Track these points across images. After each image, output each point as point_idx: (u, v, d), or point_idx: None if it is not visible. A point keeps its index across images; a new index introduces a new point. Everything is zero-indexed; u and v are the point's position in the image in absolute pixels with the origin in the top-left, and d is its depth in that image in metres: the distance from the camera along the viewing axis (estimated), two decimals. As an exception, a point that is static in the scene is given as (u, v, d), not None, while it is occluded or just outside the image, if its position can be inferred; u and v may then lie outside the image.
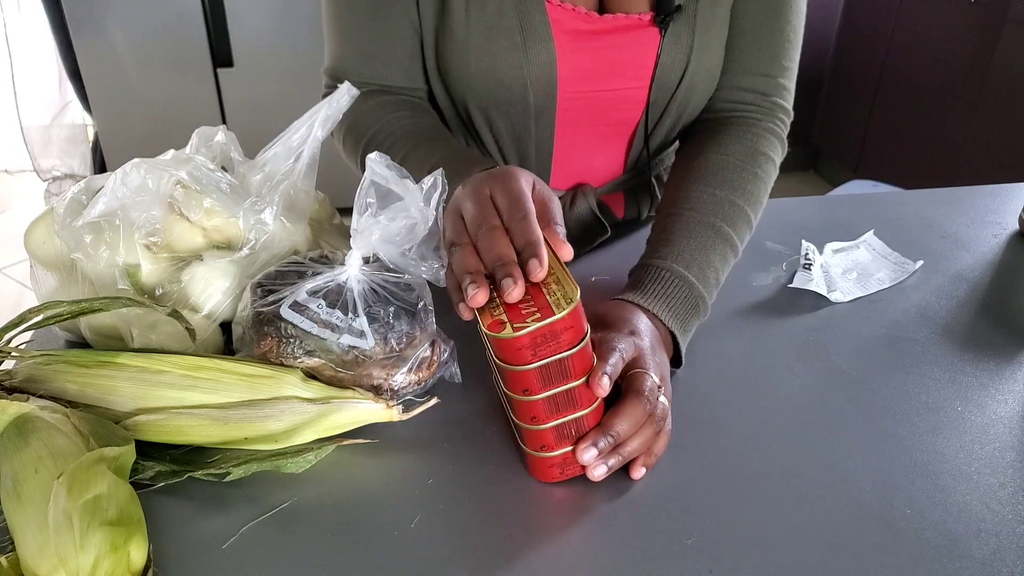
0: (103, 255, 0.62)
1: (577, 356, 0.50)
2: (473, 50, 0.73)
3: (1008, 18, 2.08)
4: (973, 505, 0.54)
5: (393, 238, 0.57)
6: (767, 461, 0.57)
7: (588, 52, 0.75)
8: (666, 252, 0.67)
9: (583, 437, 0.52)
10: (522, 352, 0.48)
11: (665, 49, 0.75)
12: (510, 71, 0.73)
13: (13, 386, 0.57)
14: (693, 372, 0.67)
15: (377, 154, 0.56)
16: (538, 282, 0.51)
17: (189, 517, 0.52)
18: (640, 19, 0.75)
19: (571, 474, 0.54)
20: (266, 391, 0.56)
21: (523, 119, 0.78)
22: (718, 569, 0.49)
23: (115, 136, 2.30)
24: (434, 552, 0.50)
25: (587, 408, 0.52)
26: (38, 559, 0.44)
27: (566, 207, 0.85)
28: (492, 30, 0.72)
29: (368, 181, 0.56)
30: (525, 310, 0.49)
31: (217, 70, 2.23)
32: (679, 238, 0.68)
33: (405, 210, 0.56)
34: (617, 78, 0.77)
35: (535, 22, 0.72)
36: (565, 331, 0.48)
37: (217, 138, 0.69)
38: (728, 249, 0.70)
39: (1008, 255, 0.87)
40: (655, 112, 0.80)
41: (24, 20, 2.59)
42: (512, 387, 0.51)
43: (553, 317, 0.47)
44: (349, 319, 0.58)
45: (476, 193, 0.55)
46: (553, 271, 0.51)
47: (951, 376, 0.67)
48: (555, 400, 0.51)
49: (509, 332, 0.47)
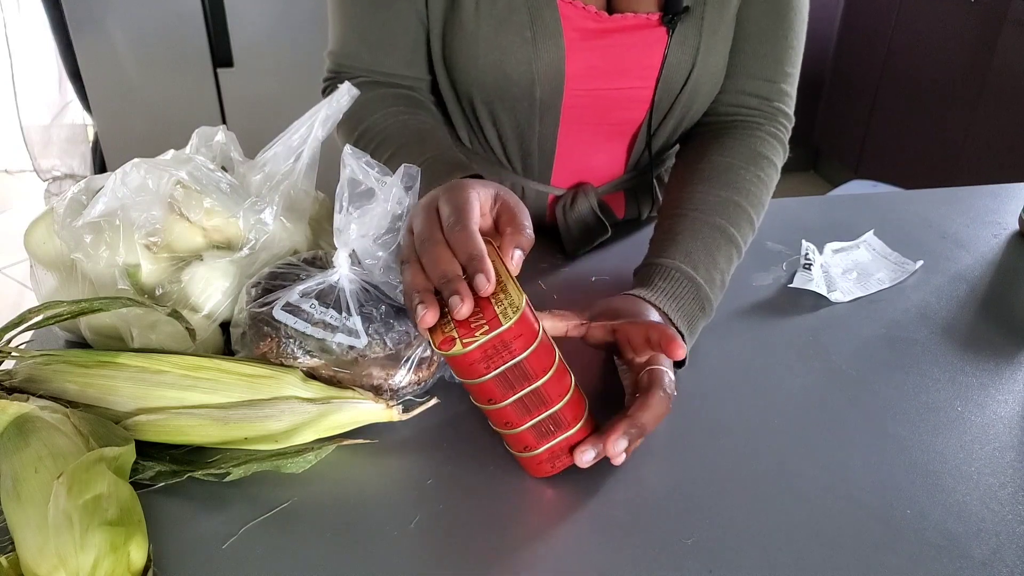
0: (103, 255, 0.62)
1: (533, 357, 0.49)
2: (482, 43, 0.73)
3: (1008, 18, 2.08)
4: (973, 505, 0.54)
5: (369, 232, 0.57)
6: (767, 461, 0.57)
7: (596, 50, 0.75)
8: (673, 252, 0.67)
9: (613, 428, 0.52)
10: (475, 366, 0.48)
11: (672, 50, 0.75)
12: (519, 66, 0.74)
13: (13, 386, 0.57)
14: (693, 372, 0.67)
15: (351, 148, 0.56)
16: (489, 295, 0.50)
17: (189, 517, 0.52)
18: (648, 19, 0.75)
19: (563, 466, 0.54)
20: (266, 391, 0.56)
21: (528, 115, 0.78)
22: (718, 569, 0.49)
23: (115, 136, 2.30)
24: (434, 552, 0.50)
25: (559, 403, 0.52)
26: (38, 559, 0.44)
27: (567, 206, 0.85)
28: (502, 24, 0.73)
29: (346, 178, 0.56)
30: (474, 323, 0.48)
31: (217, 70, 2.23)
32: (685, 238, 0.68)
33: (379, 204, 0.56)
34: (623, 77, 0.77)
35: (546, 18, 0.73)
36: (515, 339, 0.48)
37: (217, 138, 0.69)
38: (733, 250, 0.70)
39: (1008, 255, 0.87)
40: (659, 113, 0.80)
41: (24, 20, 2.59)
42: (477, 398, 0.51)
43: (501, 328, 0.47)
44: (343, 318, 0.58)
45: (425, 207, 0.54)
46: (501, 279, 0.51)
47: (951, 376, 0.67)
48: (523, 402, 0.51)
49: (459, 349, 0.47)
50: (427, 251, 0.51)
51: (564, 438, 0.53)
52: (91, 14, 2.10)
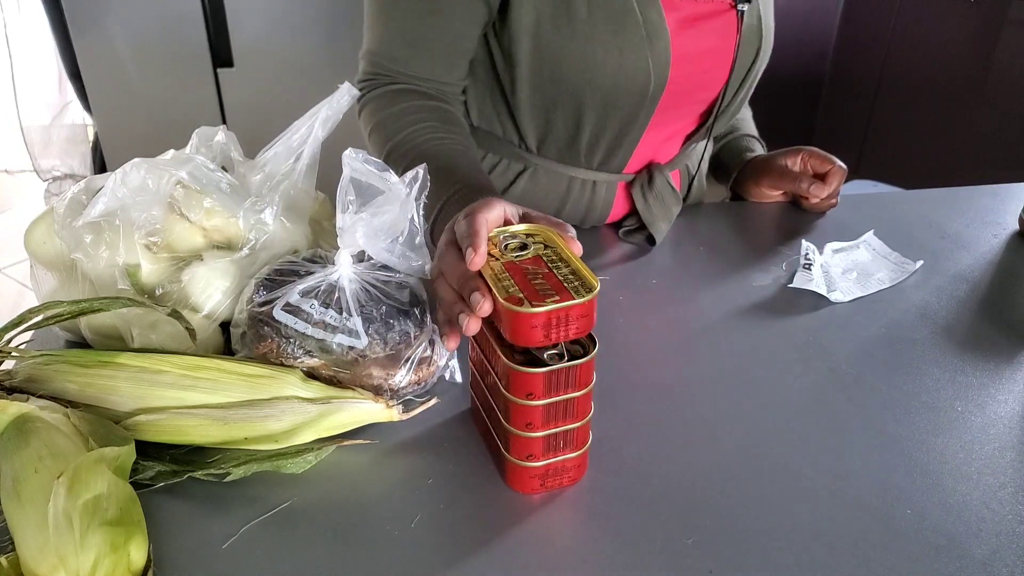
0: (103, 255, 0.62)
1: (584, 366, 0.50)
2: (599, 46, 0.74)
3: (1008, 18, 2.08)
4: (973, 505, 0.54)
5: (377, 233, 0.57)
6: (767, 461, 0.57)
7: (688, 39, 0.78)
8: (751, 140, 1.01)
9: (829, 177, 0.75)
10: (535, 332, 0.48)
11: (744, 33, 0.80)
12: (637, 62, 0.76)
13: (13, 386, 0.57)
14: (693, 372, 0.67)
15: (353, 150, 0.56)
16: (555, 270, 0.51)
17: (189, 517, 0.52)
18: (721, 3, 0.79)
19: (551, 487, 0.54)
20: (266, 391, 0.56)
21: (636, 109, 0.80)
22: (718, 569, 0.49)
23: (115, 136, 2.30)
24: (434, 552, 0.50)
25: (579, 422, 0.52)
26: (38, 559, 0.44)
27: (644, 186, 0.89)
28: (620, 25, 0.74)
29: (347, 178, 0.56)
30: (543, 293, 0.49)
31: (217, 70, 2.23)
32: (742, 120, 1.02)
33: (387, 204, 0.56)
34: (706, 62, 0.81)
35: (653, 15, 0.75)
36: (580, 318, 0.48)
37: (217, 138, 0.69)
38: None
39: (1008, 255, 0.87)
40: (731, 91, 0.85)
41: (24, 20, 2.58)
42: (515, 391, 0.51)
43: (572, 301, 0.48)
44: (343, 319, 0.58)
45: (448, 229, 0.57)
46: (570, 262, 0.52)
47: (951, 376, 0.67)
48: (555, 407, 0.51)
49: (527, 307, 0.47)
50: (444, 262, 0.55)
51: (566, 458, 0.53)
52: (91, 14, 2.10)
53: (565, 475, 0.54)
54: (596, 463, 0.56)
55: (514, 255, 0.53)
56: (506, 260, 0.52)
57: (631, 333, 0.72)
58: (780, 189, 0.96)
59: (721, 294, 0.78)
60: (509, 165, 0.87)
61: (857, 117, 2.77)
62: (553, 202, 0.88)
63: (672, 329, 0.73)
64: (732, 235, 0.90)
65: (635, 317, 0.75)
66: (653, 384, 0.65)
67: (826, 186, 0.92)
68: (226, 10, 2.14)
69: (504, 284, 0.50)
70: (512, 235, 0.55)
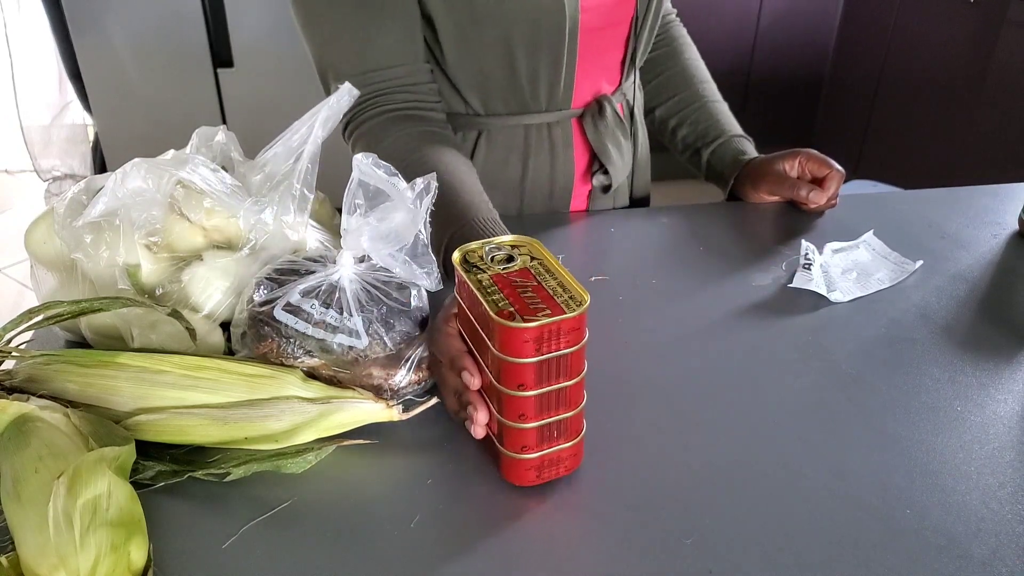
0: (103, 255, 0.62)
1: (577, 354, 0.50)
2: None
3: (1008, 18, 2.08)
4: (973, 505, 0.54)
5: (383, 239, 0.57)
6: (767, 461, 0.57)
7: None
8: (730, 126, 1.02)
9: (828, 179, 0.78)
10: (527, 345, 0.49)
11: None
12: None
13: (13, 386, 0.57)
14: (693, 372, 0.67)
15: (363, 154, 0.56)
16: (543, 282, 0.52)
17: (189, 517, 0.52)
18: None
19: (547, 477, 0.54)
20: (266, 391, 0.56)
21: (558, 43, 0.81)
22: (718, 569, 0.49)
23: (115, 136, 2.30)
24: (434, 552, 0.50)
25: (573, 410, 0.53)
26: (38, 559, 0.44)
27: (595, 116, 0.91)
28: None
29: (356, 181, 0.56)
30: (534, 307, 0.49)
31: (217, 70, 2.23)
32: (722, 118, 1.03)
33: (394, 211, 0.56)
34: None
35: None
36: (571, 331, 0.49)
37: (217, 138, 0.69)
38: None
39: (1008, 255, 0.87)
40: (641, 20, 0.88)
41: (24, 20, 2.58)
42: (505, 382, 0.51)
43: (562, 316, 0.48)
44: (343, 319, 0.58)
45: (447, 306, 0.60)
46: (558, 274, 0.52)
47: (951, 376, 0.67)
48: (547, 397, 0.51)
49: (519, 322, 0.48)
50: (437, 339, 0.59)
51: (560, 448, 0.53)
52: (91, 14, 2.10)
53: (561, 465, 0.54)
54: (596, 464, 0.56)
55: (501, 267, 0.53)
56: (494, 272, 0.53)
57: (631, 333, 0.72)
58: (778, 195, 0.97)
59: (721, 294, 0.78)
60: (464, 135, 0.89)
61: (857, 117, 2.77)
62: (516, 160, 0.89)
63: (672, 329, 0.73)
64: (732, 235, 0.90)
65: (635, 317, 0.75)
66: (653, 384, 0.65)
67: (824, 192, 0.92)
68: (226, 10, 2.14)
69: (494, 298, 0.50)
70: (497, 247, 0.55)
